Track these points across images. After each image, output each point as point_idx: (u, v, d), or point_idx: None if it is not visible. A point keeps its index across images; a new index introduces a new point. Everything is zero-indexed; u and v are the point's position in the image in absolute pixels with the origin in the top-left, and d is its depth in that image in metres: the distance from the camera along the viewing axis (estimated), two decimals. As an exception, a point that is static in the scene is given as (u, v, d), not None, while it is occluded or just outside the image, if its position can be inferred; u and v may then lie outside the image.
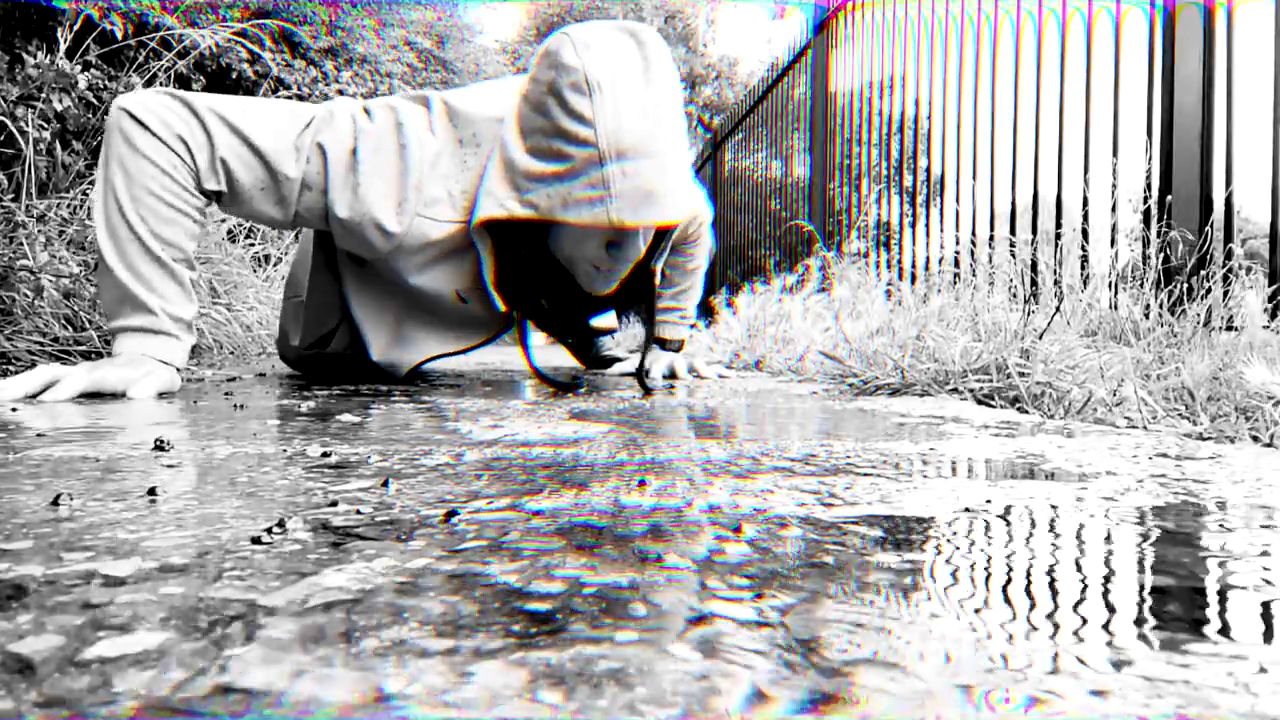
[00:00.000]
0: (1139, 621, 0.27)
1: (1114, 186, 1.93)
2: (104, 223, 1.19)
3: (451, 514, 0.40)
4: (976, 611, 0.28)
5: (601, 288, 1.35)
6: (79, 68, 2.25)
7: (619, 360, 2.15)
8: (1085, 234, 1.98)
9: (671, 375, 1.70)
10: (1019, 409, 1.09)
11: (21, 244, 1.82)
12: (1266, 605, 0.29)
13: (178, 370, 1.22)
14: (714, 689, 0.21)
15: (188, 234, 1.22)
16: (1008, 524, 0.40)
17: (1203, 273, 1.68)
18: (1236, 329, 1.51)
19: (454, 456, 0.61)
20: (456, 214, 1.30)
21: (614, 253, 1.30)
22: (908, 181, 2.94)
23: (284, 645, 0.24)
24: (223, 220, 2.87)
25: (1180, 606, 0.28)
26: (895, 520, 0.41)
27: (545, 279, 1.40)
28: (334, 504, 0.43)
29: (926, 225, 2.80)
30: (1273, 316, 1.54)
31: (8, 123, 2.04)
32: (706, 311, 3.46)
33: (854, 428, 0.82)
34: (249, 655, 0.23)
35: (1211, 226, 1.72)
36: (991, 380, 1.20)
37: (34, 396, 1.05)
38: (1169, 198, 1.78)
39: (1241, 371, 1.05)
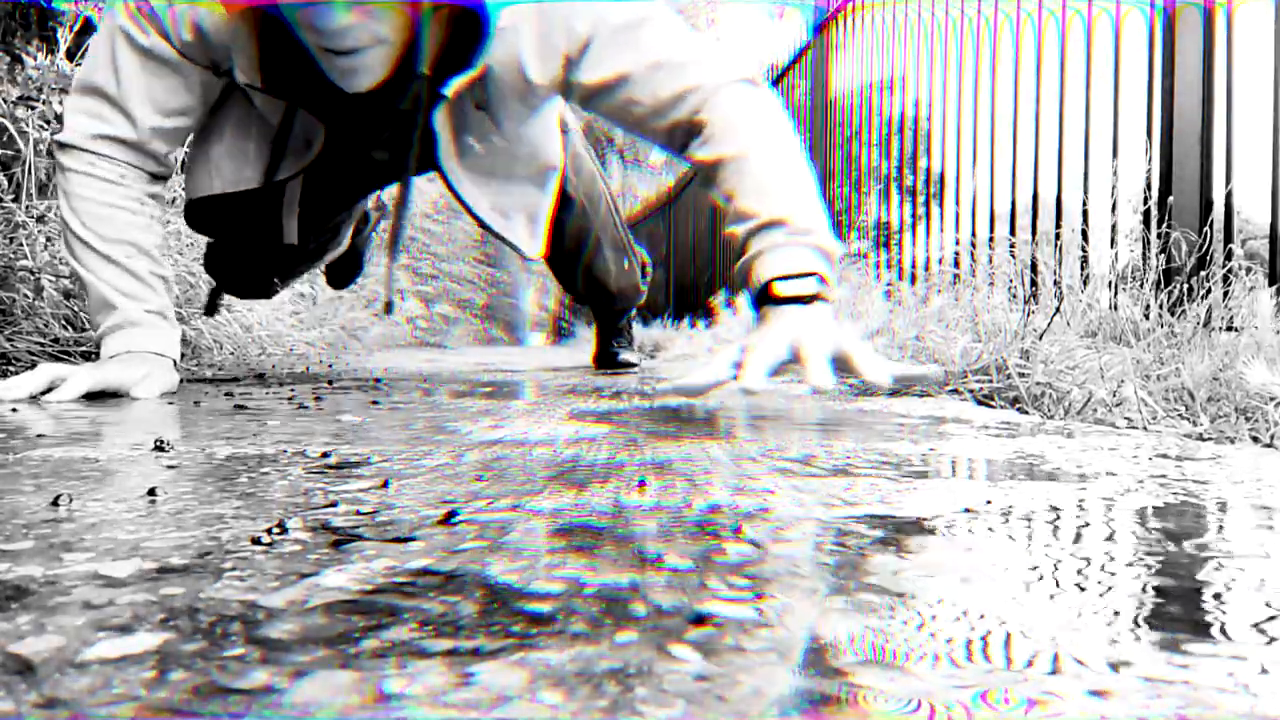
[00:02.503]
0: (1139, 621, 0.27)
1: (1114, 187, 1.93)
2: (65, 244, 1.25)
3: (451, 514, 0.40)
4: (976, 612, 0.28)
5: (345, 82, 1.13)
6: (79, 69, 2.25)
7: (632, 365, 2.13)
8: (1085, 234, 1.99)
9: (794, 361, 0.87)
10: (1019, 409, 1.09)
11: (21, 244, 1.82)
12: (1267, 605, 0.29)
13: (175, 363, 1.23)
14: (714, 689, 0.21)
15: (134, 226, 1.23)
16: (1008, 524, 0.40)
17: (1203, 273, 1.68)
18: (1237, 330, 1.51)
19: (454, 456, 0.61)
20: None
21: (316, 25, 1.08)
22: (908, 182, 2.94)
23: (284, 645, 0.24)
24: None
25: (1180, 606, 0.28)
26: (895, 520, 0.41)
27: (314, 78, 1.19)
28: (334, 504, 0.43)
29: (926, 225, 2.80)
30: (1275, 316, 1.54)
31: (8, 124, 2.04)
32: (706, 312, 3.46)
33: (854, 428, 0.82)
34: (249, 655, 0.23)
35: (1211, 227, 1.72)
36: (991, 381, 1.20)
37: (37, 397, 1.06)
38: (1169, 198, 1.79)
39: (1242, 372, 1.05)
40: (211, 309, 1.70)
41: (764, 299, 0.98)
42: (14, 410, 0.94)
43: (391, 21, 1.11)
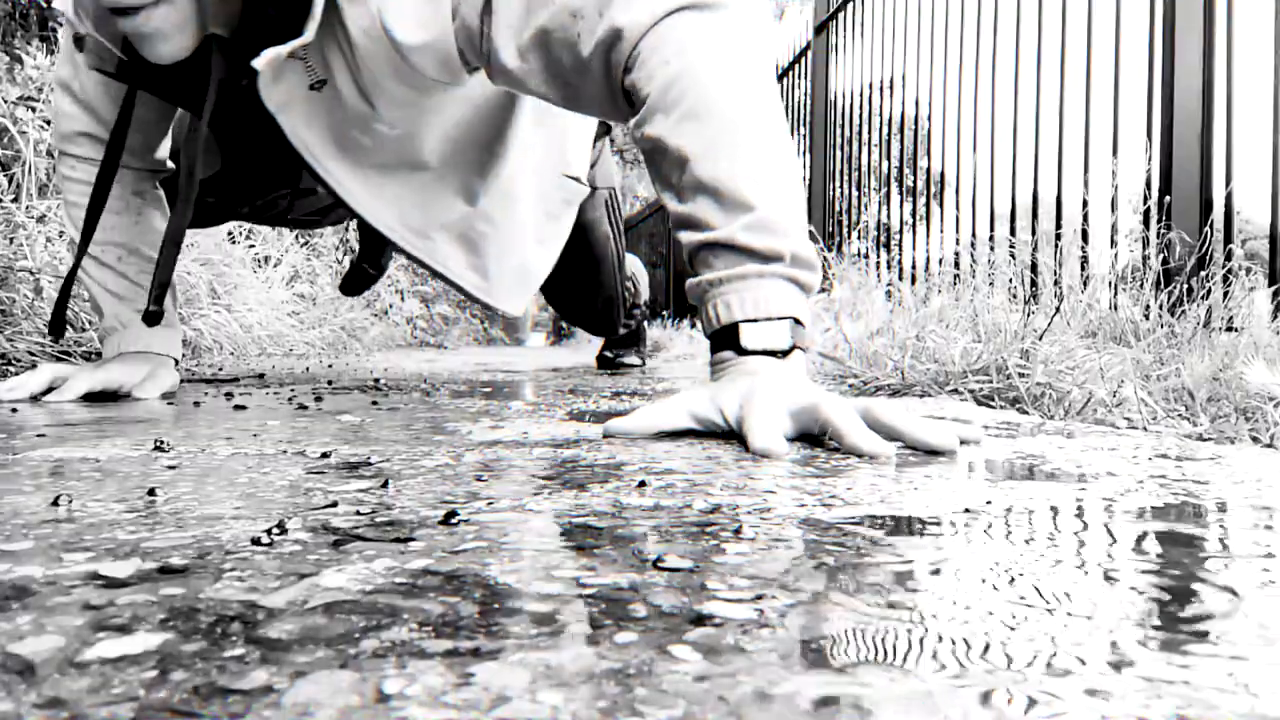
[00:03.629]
0: (1139, 622, 0.27)
1: (1114, 187, 1.93)
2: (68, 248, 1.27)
3: (451, 515, 0.40)
4: (976, 612, 0.28)
5: (146, 51, 0.95)
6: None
7: (634, 366, 2.13)
8: (1085, 235, 1.99)
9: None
10: (1019, 410, 1.09)
11: (21, 245, 1.82)
12: (1267, 605, 0.29)
13: (175, 362, 1.23)
14: (714, 689, 0.21)
15: (121, 227, 1.22)
16: (1008, 524, 0.40)
17: (1202, 273, 1.68)
18: (1236, 330, 1.51)
19: (454, 457, 0.61)
20: None
21: None
22: (908, 182, 2.94)
23: (284, 646, 0.24)
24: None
25: (1180, 606, 0.28)
26: (895, 520, 0.41)
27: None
28: (334, 504, 0.43)
29: (926, 226, 2.80)
30: (1274, 317, 1.54)
31: (8, 124, 2.04)
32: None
33: (854, 428, 0.82)
34: (249, 656, 0.23)
35: (1211, 227, 1.72)
36: (991, 381, 1.20)
37: (38, 397, 1.06)
38: (1169, 198, 1.79)
39: (1242, 372, 1.05)
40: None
41: (724, 340, 0.76)
42: (14, 410, 0.94)
43: None
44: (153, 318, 1.07)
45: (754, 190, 0.75)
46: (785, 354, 0.73)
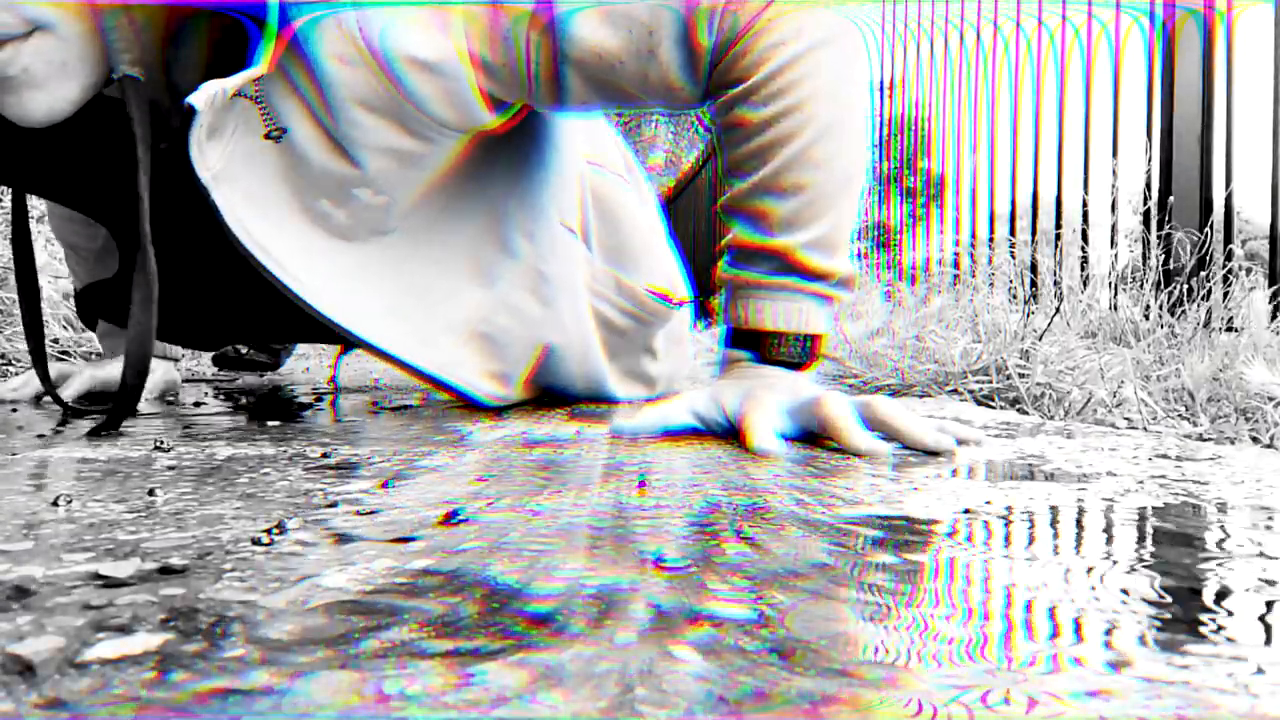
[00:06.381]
0: (1139, 622, 0.27)
1: (1114, 188, 1.93)
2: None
3: (452, 514, 0.40)
4: (976, 612, 0.28)
5: (10, 107, 0.70)
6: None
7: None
8: (1085, 235, 1.99)
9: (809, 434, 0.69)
10: (1019, 410, 1.09)
11: (21, 245, 1.82)
12: (1266, 605, 0.29)
13: (175, 362, 1.23)
14: (714, 689, 0.21)
15: (80, 234, 1.14)
16: (1008, 525, 0.40)
17: (1202, 274, 1.68)
18: (1236, 330, 1.51)
19: (454, 457, 0.61)
20: None
21: None
22: (908, 182, 2.94)
23: (284, 646, 0.24)
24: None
25: (1180, 606, 0.28)
26: (895, 520, 0.41)
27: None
28: (334, 504, 0.43)
29: (926, 226, 2.80)
30: (1273, 317, 1.54)
31: (8, 123, 2.04)
32: (706, 313, 3.46)
33: (854, 428, 0.82)
34: (249, 655, 0.23)
35: (1211, 227, 1.72)
36: (991, 381, 1.20)
37: (39, 397, 1.06)
38: (1169, 199, 1.79)
39: (1242, 372, 1.05)
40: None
41: (744, 340, 0.76)
42: (14, 410, 0.94)
43: None
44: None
45: (827, 207, 0.74)
46: (801, 365, 0.75)
